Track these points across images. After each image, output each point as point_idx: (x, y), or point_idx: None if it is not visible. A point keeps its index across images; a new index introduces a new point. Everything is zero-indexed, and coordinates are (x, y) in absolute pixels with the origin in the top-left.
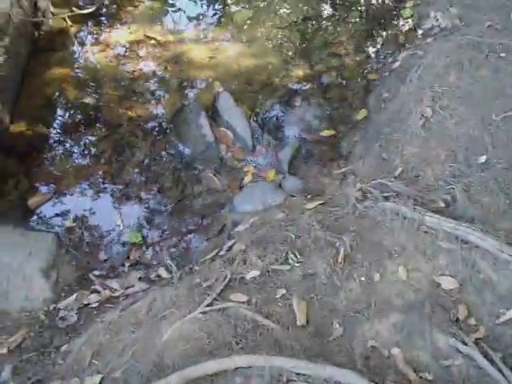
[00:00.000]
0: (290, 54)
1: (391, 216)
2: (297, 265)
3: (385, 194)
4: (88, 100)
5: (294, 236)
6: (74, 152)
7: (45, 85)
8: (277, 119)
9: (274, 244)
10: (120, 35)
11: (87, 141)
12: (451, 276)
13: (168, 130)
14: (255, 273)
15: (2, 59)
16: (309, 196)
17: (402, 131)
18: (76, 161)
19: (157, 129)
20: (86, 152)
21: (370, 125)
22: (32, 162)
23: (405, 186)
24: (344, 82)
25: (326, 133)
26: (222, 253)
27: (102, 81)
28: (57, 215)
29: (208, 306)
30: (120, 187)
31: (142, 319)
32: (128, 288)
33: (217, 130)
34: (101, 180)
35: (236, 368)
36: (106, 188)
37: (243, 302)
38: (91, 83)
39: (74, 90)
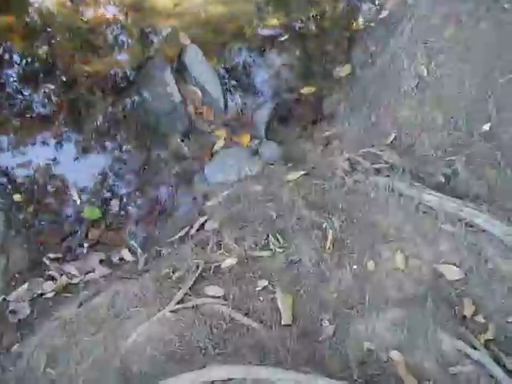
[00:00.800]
0: (263, 0)
1: (385, 192)
2: (279, 250)
3: (376, 166)
4: (39, 52)
5: (274, 214)
6: (22, 112)
7: None
8: (251, 75)
9: (253, 224)
10: None
11: (38, 99)
12: (455, 265)
13: (129, 88)
14: (232, 261)
15: None
16: (289, 165)
17: (393, 91)
18: (24, 123)
19: (117, 86)
20: (37, 113)
21: (356, 82)
22: None
23: (399, 156)
24: (324, 33)
25: (306, 90)
26: (192, 232)
27: (56, 30)
28: (3, 188)
29: (179, 302)
30: (75, 155)
31: (103, 318)
32: (88, 273)
33: (184, 88)
34: (53, 145)
35: (213, 381)
36: (59, 155)
37: (219, 297)
38: (43, 32)
39: (22, 39)
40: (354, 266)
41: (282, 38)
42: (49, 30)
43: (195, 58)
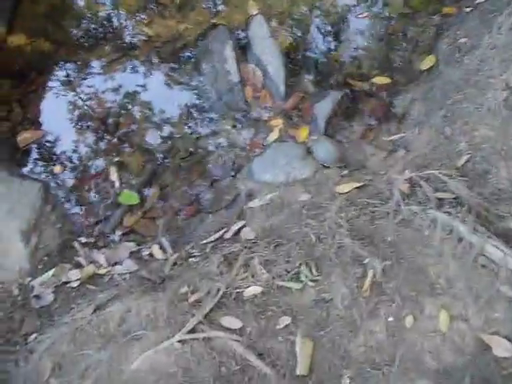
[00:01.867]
0: None
1: (443, 233)
2: (310, 284)
3: (439, 195)
4: (102, 11)
5: (314, 237)
6: (78, 77)
7: None
8: (319, 57)
9: (289, 244)
10: None
11: (95, 65)
12: (507, 338)
13: (187, 58)
14: (256, 289)
15: None
16: (344, 172)
17: (475, 102)
18: (78, 90)
19: (174, 54)
20: (92, 80)
21: (437, 80)
22: (29, 87)
23: (468, 187)
24: (411, 13)
25: (378, 80)
26: (227, 235)
27: None
28: (47, 159)
29: (190, 332)
30: (120, 132)
31: (112, 333)
32: (115, 264)
33: (244, 66)
34: (100, 121)
35: None
36: (104, 132)
37: (234, 331)
38: None
39: None
40: (390, 318)
41: (362, 15)
42: None
43: (260, 32)
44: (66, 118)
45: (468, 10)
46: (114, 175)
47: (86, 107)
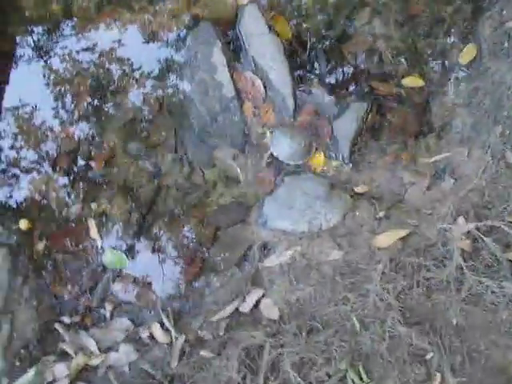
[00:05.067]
0: None
1: None
2: None
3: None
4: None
5: (357, 322)
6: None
7: None
8: (332, 53)
9: (326, 330)
10: None
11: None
12: None
13: (165, 67)
14: None
15: None
16: (381, 212)
17: None
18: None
19: (146, 62)
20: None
21: (482, 79)
22: None
23: None
24: None
25: (409, 81)
26: (244, 309)
27: None
28: (8, 211)
29: None
30: (94, 169)
31: None
32: (110, 350)
33: (239, 74)
34: (68, 156)
35: None
36: (75, 171)
37: None
38: None
39: None
40: None
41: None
42: None
43: (255, 27)
44: (27, 154)
45: None
46: (93, 230)
47: (51, 138)
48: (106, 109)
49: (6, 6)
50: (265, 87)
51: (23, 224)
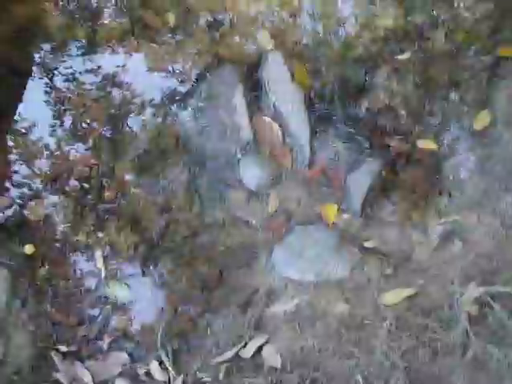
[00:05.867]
0: None
1: None
2: None
3: None
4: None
5: (361, 379)
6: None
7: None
8: (350, 107)
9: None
10: None
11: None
12: None
13: (183, 103)
14: None
15: None
16: (388, 269)
17: None
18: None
19: (164, 96)
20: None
21: (496, 147)
22: None
23: None
24: (456, 50)
25: (423, 144)
26: (245, 354)
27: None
28: (14, 234)
29: None
30: (106, 199)
31: None
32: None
33: (258, 119)
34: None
35: None
36: (86, 198)
37: None
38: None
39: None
40: None
41: (396, 50)
42: None
43: (277, 74)
44: (36, 178)
45: None
46: (98, 260)
47: (62, 164)
48: (121, 139)
49: (31, 25)
50: (283, 133)
51: (28, 249)
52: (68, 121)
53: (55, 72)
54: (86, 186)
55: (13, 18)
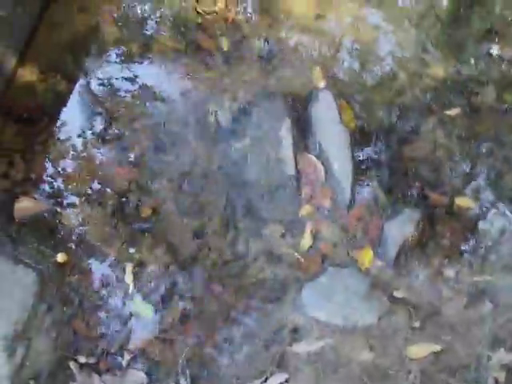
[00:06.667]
0: (430, 36)
1: None
2: None
3: None
4: (133, 46)
5: None
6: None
7: (77, 14)
8: (393, 154)
9: None
10: None
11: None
12: None
13: (228, 127)
14: None
15: None
16: (416, 322)
17: None
18: (97, 150)
19: (209, 120)
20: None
21: None
22: (37, 136)
23: None
24: (504, 108)
25: (461, 201)
26: None
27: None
28: (48, 241)
29: None
30: (141, 216)
31: None
32: None
33: (302, 155)
34: (118, 198)
35: None
36: (121, 213)
37: None
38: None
39: (115, 27)
40: None
41: (444, 102)
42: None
43: (326, 113)
44: (75, 186)
45: None
46: (128, 275)
47: (102, 175)
48: (163, 158)
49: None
50: (325, 173)
51: (61, 257)
52: (113, 133)
53: (104, 82)
54: (124, 199)
55: (74, 26)
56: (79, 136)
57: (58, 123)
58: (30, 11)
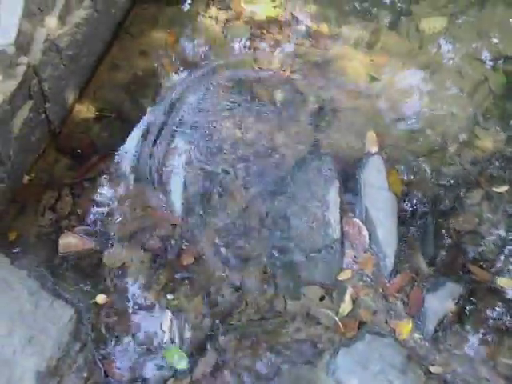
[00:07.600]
0: (482, 106)
1: None
2: None
3: None
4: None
5: None
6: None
7: (140, 50)
8: (438, 226)
9: None
10: (259, 7)
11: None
12: None
13: (277, 186)
14: None
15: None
16: None
17: None
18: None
19: (255, 173)
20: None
21: None
22: (86, 172)
23: None
24: None
25: (502, 282)
26: None
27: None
28: (90, 279)
29: None
30: (182, 263)
31: None
32: None
33: (348, 218)
34: (161, 242)
35: None
36: (164, 258)
37: None
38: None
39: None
40: None
41: (498, 189)
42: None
43: (375, 179)
44: (120, 227)
45: None
46: (165, 322)
47: (148, 218)
48: (210, 209)
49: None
50: (370, 239)
51: (100, 299)
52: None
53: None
54: (167, 244)
55: (133, 68)
56: (127, 177)
57: (109, 162)
58: (94, 51)
